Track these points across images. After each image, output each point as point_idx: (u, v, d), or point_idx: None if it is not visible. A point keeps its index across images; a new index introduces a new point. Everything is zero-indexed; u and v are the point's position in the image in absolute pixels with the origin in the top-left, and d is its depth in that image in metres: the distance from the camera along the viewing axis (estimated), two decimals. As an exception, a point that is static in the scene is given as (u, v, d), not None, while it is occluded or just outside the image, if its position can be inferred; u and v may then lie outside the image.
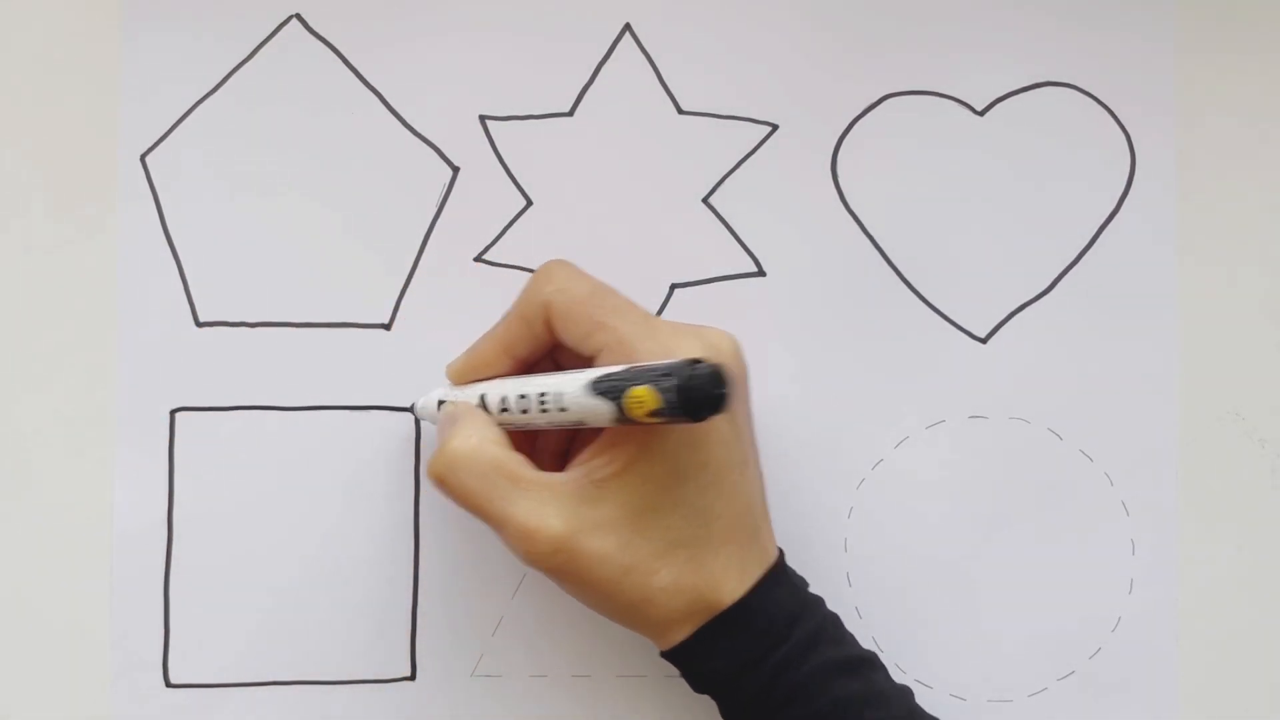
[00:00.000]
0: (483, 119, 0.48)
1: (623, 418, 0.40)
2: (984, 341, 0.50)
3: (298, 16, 0.48)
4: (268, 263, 0.47)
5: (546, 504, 0.41)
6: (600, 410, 0.40)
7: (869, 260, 0.49)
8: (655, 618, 0.42)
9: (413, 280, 0.48)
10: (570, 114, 0.48)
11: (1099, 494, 0.50)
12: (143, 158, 0.47)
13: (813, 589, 0.45)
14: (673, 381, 0.38)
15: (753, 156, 0.49)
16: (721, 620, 0.42)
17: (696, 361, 0.39)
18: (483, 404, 0.44)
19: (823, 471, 0.49)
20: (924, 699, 0.45)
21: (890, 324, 0.49)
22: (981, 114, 0.49)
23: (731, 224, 0.49)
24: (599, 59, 0.48)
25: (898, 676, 0.46)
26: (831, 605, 0.45)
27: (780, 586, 0.43)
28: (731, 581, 0.42)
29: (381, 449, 0.48)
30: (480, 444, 0.42)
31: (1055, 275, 0.50)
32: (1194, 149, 0.50)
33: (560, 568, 0.41)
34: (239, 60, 0.47)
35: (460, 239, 0.48)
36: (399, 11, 0.48)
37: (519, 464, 0.42)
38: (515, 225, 0.48)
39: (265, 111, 0.47)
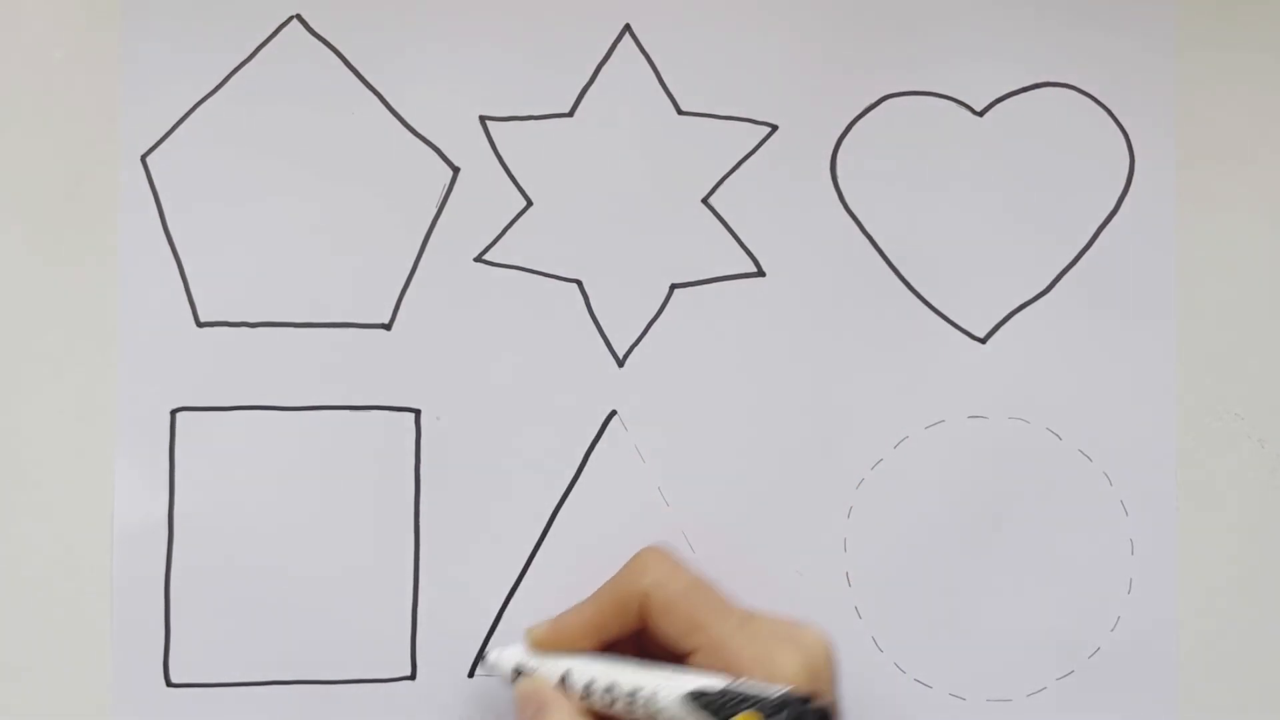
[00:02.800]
0: (483, 119, 0.48)
1: None
2: (983, 341, 0.50)
3: (298, 17, 0.48)
4: (268, 263, 0.47)
5: None
6: None
7: (869, 260, 0.49)
8: None
9: (413, 280, 0.48)
10: (570, 114, 0.48)
11: (1098, 494, 0.50)
12: (143, 158, 0.47)
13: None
14: (784, 717, 0.38)
15: (753, 156, 0.49)
16: None
17: (807, 700, 0.39)
18: (563, 682, 0.43)
19: (823, 471, 0.49)
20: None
21: (889, 324, 0.49)
22: (981, 114, 0.49)
23: (731, 224, 0.49)
24: (599, 59, 0.48)
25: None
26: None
27: None
28: None
29: (381, 449, 0.48)
30: None
31: (1054, 275, 0.50)
32: (1194, 149, 0.50)
33: None
34: (239, 60, 0.47)
35: (460, 239, 0.48)
36: (399, 12, 0.48)
37: None
38: (515, 225, 0.48)
39: (265, 111, 0.47)
